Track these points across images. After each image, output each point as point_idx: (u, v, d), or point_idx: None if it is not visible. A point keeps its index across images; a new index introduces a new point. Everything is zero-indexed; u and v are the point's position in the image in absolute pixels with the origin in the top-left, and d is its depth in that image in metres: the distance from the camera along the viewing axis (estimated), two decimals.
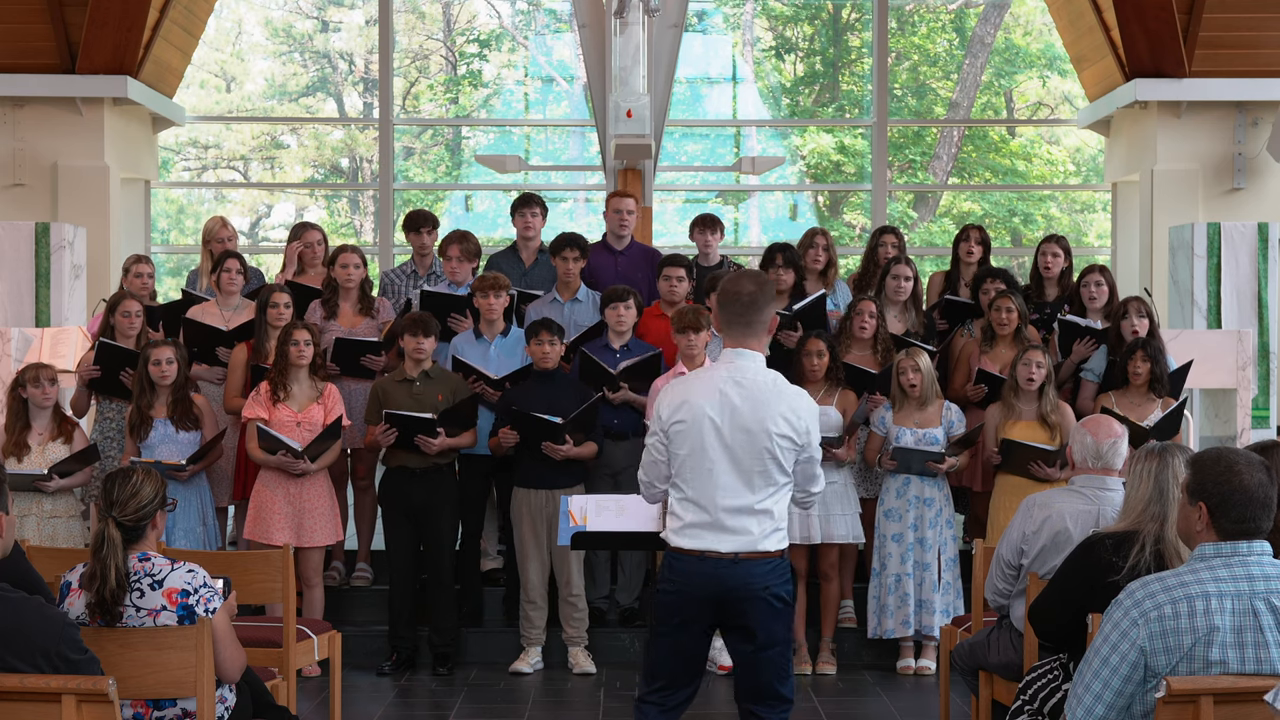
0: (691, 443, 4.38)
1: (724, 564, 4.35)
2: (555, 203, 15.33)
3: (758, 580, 4.36)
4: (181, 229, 15.87)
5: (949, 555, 7.36)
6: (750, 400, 4.37)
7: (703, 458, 4.37)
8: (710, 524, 4.36)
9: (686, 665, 4.50)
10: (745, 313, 4.43)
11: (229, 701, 4.39)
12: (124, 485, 4.21)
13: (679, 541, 4.40)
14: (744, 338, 4.45)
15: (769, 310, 4.48)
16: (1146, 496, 4.27)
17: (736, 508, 4.36)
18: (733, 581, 4.35)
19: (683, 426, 4.39)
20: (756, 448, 4.35)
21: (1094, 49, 12.49)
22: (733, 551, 4.35)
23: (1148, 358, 7.42)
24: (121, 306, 7.65)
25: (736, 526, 4.36)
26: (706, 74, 15.52)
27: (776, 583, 4.39)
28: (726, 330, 4.47)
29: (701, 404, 4.38)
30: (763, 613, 4.38)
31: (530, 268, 8.37)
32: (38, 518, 7.16)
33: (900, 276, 8.07)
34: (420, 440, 7.18)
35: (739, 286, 4.45)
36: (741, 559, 4.35)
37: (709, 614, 4.42)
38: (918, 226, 16.38)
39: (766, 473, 4.38)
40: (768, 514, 4.39)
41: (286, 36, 16.74)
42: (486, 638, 7.71)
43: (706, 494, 4.37)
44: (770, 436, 4.35)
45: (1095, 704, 3.43)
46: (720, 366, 4.46)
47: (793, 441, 4.40)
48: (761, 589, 4.36)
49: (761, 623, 4.39)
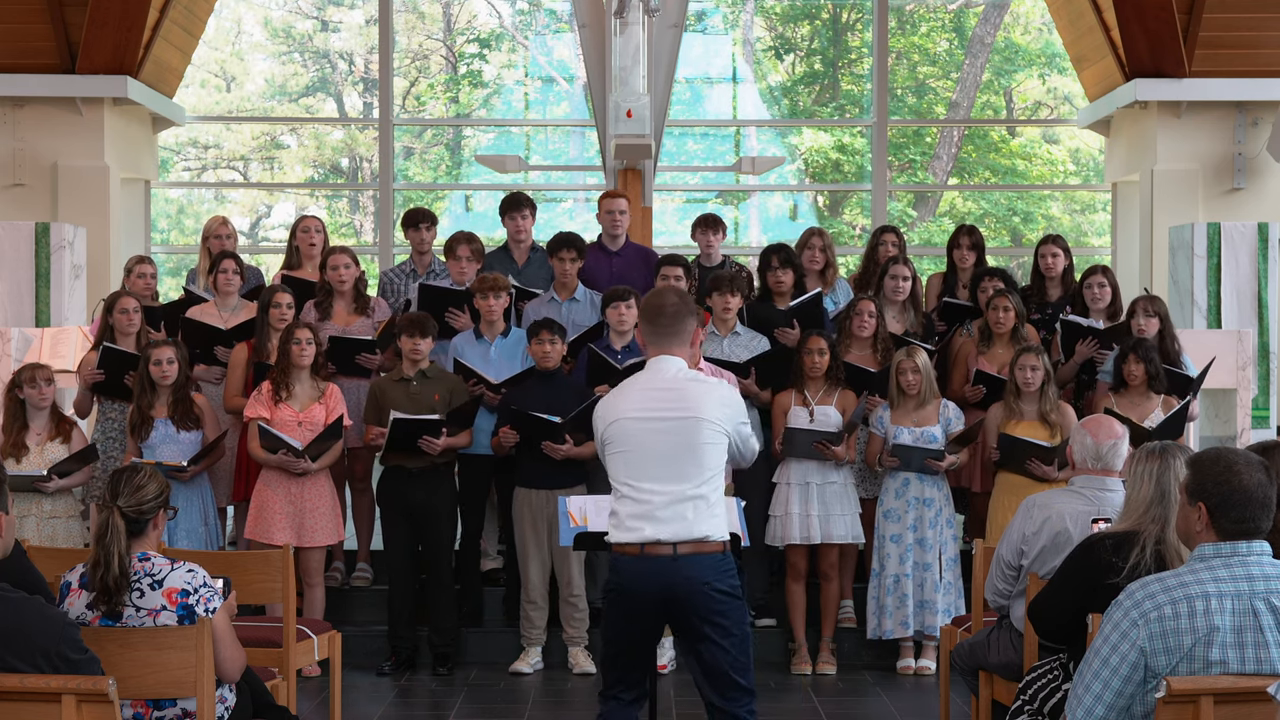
0: (624, 441, 4.50)
1: (664, 561, 4.41)
2: (555, 203, 15.35)
3: (698, 576, 4.41)
4: (181, 229, 15.88)
5: (949, 555, 7.37)
6: (672, 392, 4.52)
7: (634, 452, 4.48)
8: (646, 515, 4.43)
9: (636, 664, 4.59)
10: (670, 324, 4.60)
11: (229, 701, 4.40)
12: (130, 479, 4.24)
13: (618, 537, 4.48)
14: (668, 346, 4.61)
15: (690, 321, 4.65)
16: (1148, 498, 4.26)
17: (671, 497, 4.43)
18: (674, 579, 4.41)
19: (616, 428, 4.53)
20: (684, 437, 4.45)
21: (1094, 49, 12.48)
22: (671, 542, 4.40)
23: (1140, 359, 7.43)
24: (119, 305, 7.65)
25: (671, 515, 4.42)
26: (706, 74, 15.52)
27: (718, 577, 4.44)
28: (651, 341, 4.64)
29: (626, 404, 4.54)
30: (708, 608, 4.43)
31: (523, 267, 8.37)
32: (37, 518, 7.16)
33: (898, 276, 8.07)
34: (424, 442, 7.18)
35: (662, 300, 4.66)
36: (681, 556, 4.40)
37: (655, 611, 4.48)
38: (917, 226, 16.39)
39: (698, 460, 4.45)
40: (702, 499, 4.45)
41: (286, 36, 16.74)
42: (486, 638, 7.71)
43: (640, 485, 4.46)
44: (696, 423, 4.46)
45: (1095, 704, 3.43)
46: (643, 373, 4.65)
47: (719, 427, 4.49)
48: (703, 584, 4.41)
49: (708, 618, 4.44)
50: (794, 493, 7.40)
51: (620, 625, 4.54)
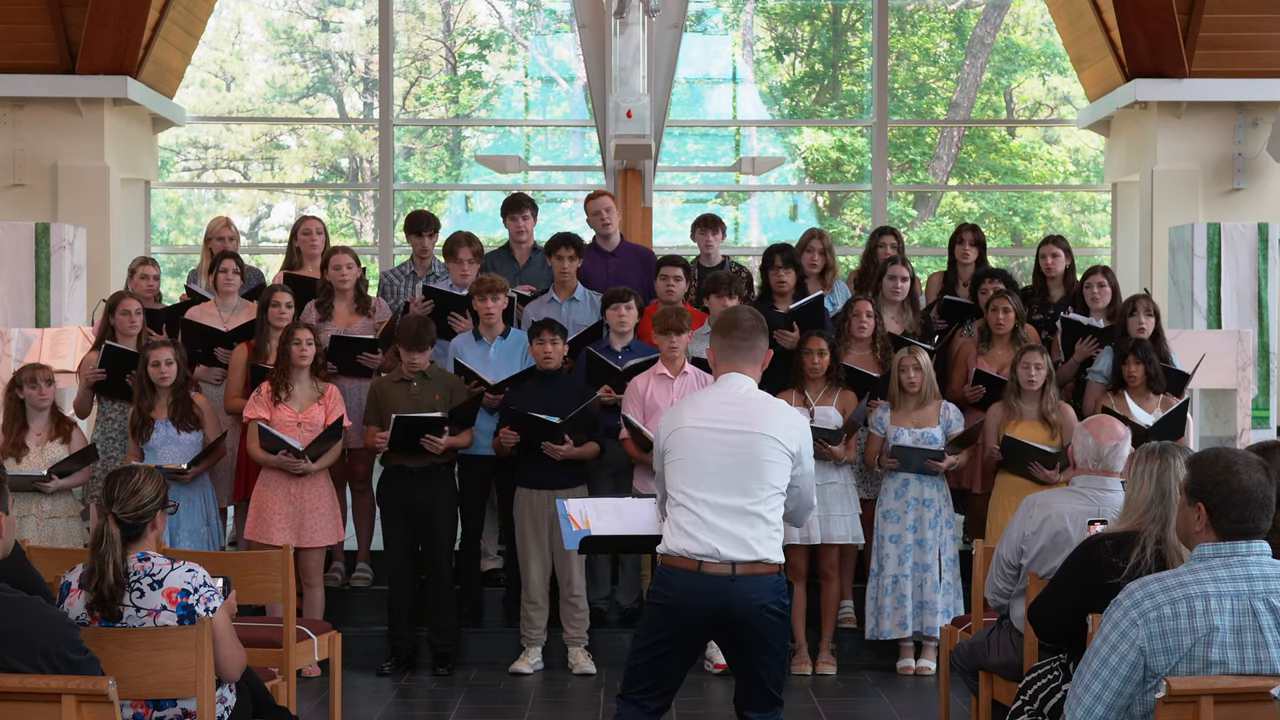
0: (684, 449, 4.45)
1: (722, 581, 4.35)
2: (555, 203, 15.35)
3: (755, 599, 4.37)
4: (181, 229, 15.88)
5: (948, 556, 7.36)
6: (741, 408, 4.48)
7: (694, 461, 4.43)
8: (702, 524, 4.37)
9: (671, 675, 4.52)
10: (745, 339, 4.58)
11: (229, 701, 4.39)
12: (125, 483, 4.22)
13: (674, 543, 4.41)
14: (739, 363, 4.59)
15: (763, 341, 4.63)
16: (1149, 498, 4.26)
17: (729, 508, 4.38)
18: (729, 599, 4.35)
19: (677, 436, 4.48)
20: (749, 452, 4.41)
21: (1094, 49, 12.49)
22: (729, 561, 4.34)
23: (1140, 360, 7.43)
24: (121, 306, 7.66)
25: (729, 528, 4.37)
26: (706, 74, 15.52)
27: (774, 599, 4.40)
28: (723, 355, 4.61)
29: (694, 413, 4.50)
30: (760, 629, 4.40)
31: (524, 267, 8.37)
32: (37, 518, 7.16)
33: (897, 277, 8.07)
34: (427, 441, 7.18)
35: (739, 316, 4.63)
36: (739, 575, 4.35)
37: (703, 629, 4.44)
38: (917, 225, 16.39)
39: (760, 476, 4.41)
40: (761, 518, 4.40)
41: (287, 37, 16.74)
42: (486, 638, 7.71)
43: (699, 496, 4.40)
44: (763, 440, 4.42)
45: (1095, 704, 3.43)
46: (713, 385, 4.62)
47: (784, 448, 4.45)
48: (760, 607, 4.37)
49: (759, 638, 4.42)
50: None
51: (663, 638, 4.46)
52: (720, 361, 4.62)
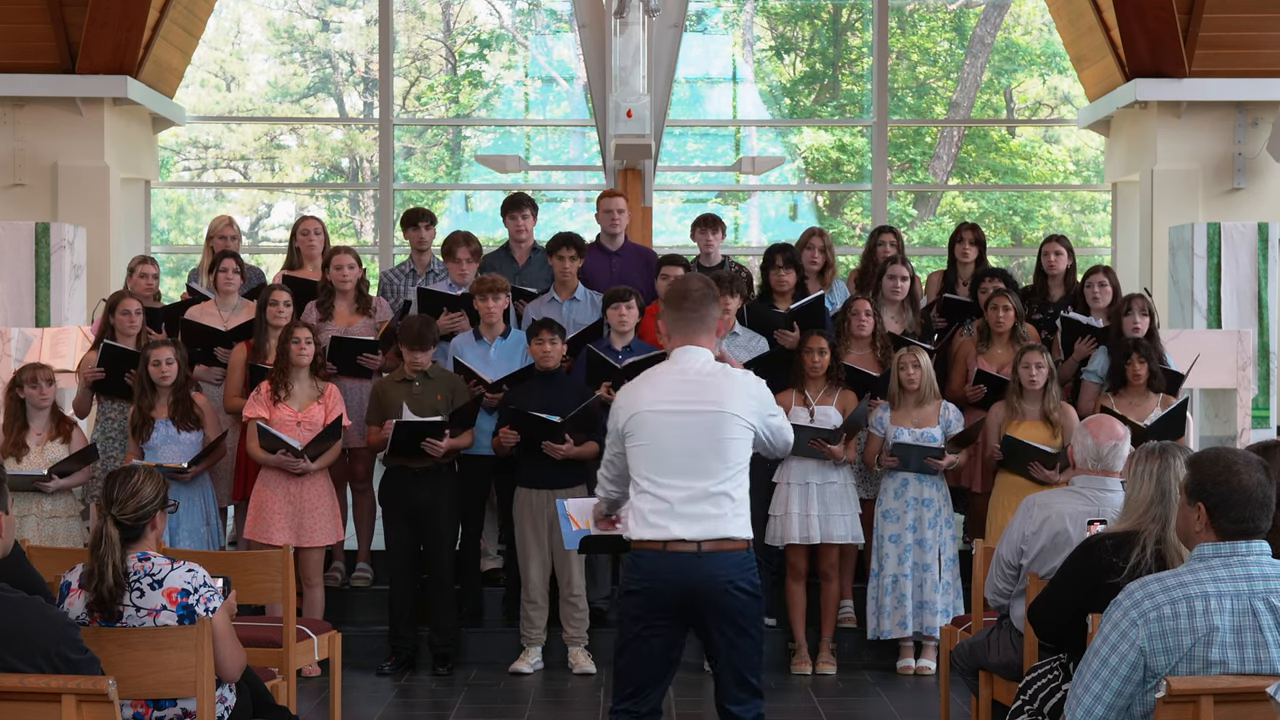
0: (645, 434, 4.40)
1: (688, 558, 4.32)
2: (555, 203, 15.34)
3: (722, 574, 4.33)
4: (182, 229, 15.88)
5: (948, 555, 7.37)
6: (700, 385, 4.41)
7: (655, 447, 4.38)
8: (669, 511, 4.34)
9: (656, 668, 4.46)
10: (696, 308, 4.49)
11: (229, 701, 4.39)
12: (124, 484, 4.21)
13: (640, 533, 4.38)
14: (693, 335, 4.50)
15: (715, 309, 4.55)
16: (1149, 497, 4.26)
17: (693, 493, 4.34)
18: (697, 576, 4.32)
19: (637, 420, 4.42)
20: (708, 431, 4.36)
21: (1094, 49, 12.49)
22: (695, 539, 4.32)
23: (1144, 359, 7.43)
24: (121, 306, 7.66)
25: (695, 512, 4.33)
26: (706, 74, 15.51)
27: (741, 575, 4.36)
28: (675, 328, 4.52)
29: (651, 395, 4.43)
30: (728, 605, 4.35)
31: (524, 266, 8.37)
32: (37, 518, 7.16)
33: (896, 276, 8.07)
34: (428, 444, 7.18)
35: (687, 285, 4.54)
36: (705, 551, 4.32)
37: (677, 610, 4.38)
38: (917, 224, 16.39)
39: (723, 455, 4.36)
40: (726, 496, 4.36)
41: (287, 37, 16.74)
42: (486, 638, 7.71)
43: (663, 481, 4.36)
44: (723, 418, 4.37)
45: (1095, 704, 3.43)
46: (669, 363, 4.53)
47: (745, 422, 4.40)
48: (727, 583, 4.33)
49: (730, 617, 4.37)
50: (794, 493, 7.40)
51: (640, 627, 4.41)
52: (674, 335, 4.53)
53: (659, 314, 4.59)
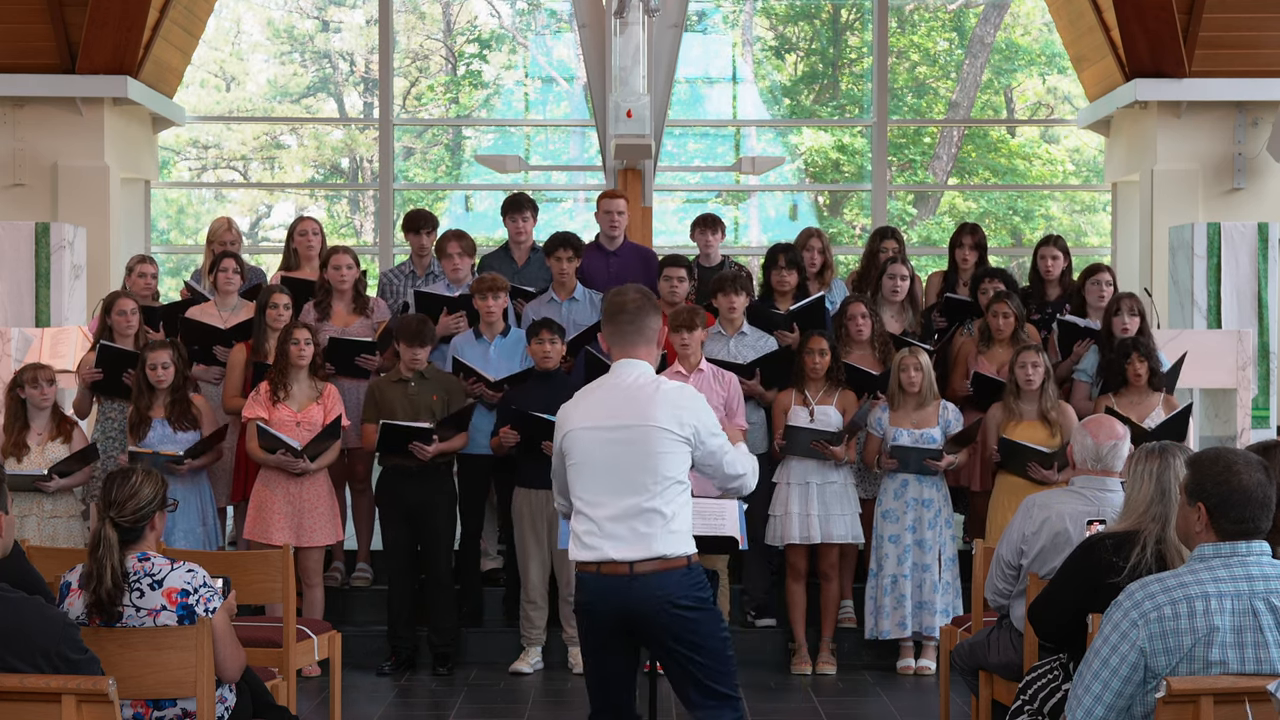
0: (578, 452, 4.31)
1: (621, 580, 4.20)
2: (555, 203, 15.34)
3: (659, 594, 4.20)
4: (181, 229, 15.88)
5: (948, 556, 7.37)
6: (629, 400, 4.30)
7: (586, 464, 4.29)
8: (599, 531, 4.23)
9: (615, 683, 4.39)
10: (632, 320, 4.39)
11: (229, 701, 4.39)
12: (123, 485, 4.21)
13: (576, 554, 4.29)
14: (631, 347, 4.40)
15: (654, 320, 4.44)
16: (1149, 497, 4.26)
17: (623, 511, 4.22)
18: (633, 599, 4.21)
19: (570, 438, 4.33)
20: (638, 446, 4.25)
21: (1094, 49, 12.48)
22: (627, 560, 4.20)
23: (1144, 357, 7.42)
24: (117, 306, 7.66)
25: (625, 531, 4.21)
26: (706, 74, 15.51)
27: (681, 593, 4.22)
28: (613, 341, 4.44)
29: (583, 412, 4.35)
30: (669, 624, 4.22)
31: (523, 267, 8.37)
32: (38, 518, 7.16)
33: (897, 276, 8.07)
34: (414, 447, 7.18)
35: (624, 298, 4.43)
36: (639, 573, 4.19)
37: (616, 630, 4.28)
38: (917, 223, 16.39)
39: (652, 470, 4.23)
40: (657, 513, 4.22)
41: (287, 37, 16.74)
42: (486, 638, 7.71)
43: (594, 499, 4.26)
44: (650, 432, 4.24)
45: (1095, 705, 3.43)
46: (604, 378, 4.45)
47: (675, 435, 4.26)
48: (664, 602, 4.20)
49: (677, 635, 4.24)
50: (794, 492, 7.40)
51: (591, 645, 4.37)
52: (613, 348, 4.44)
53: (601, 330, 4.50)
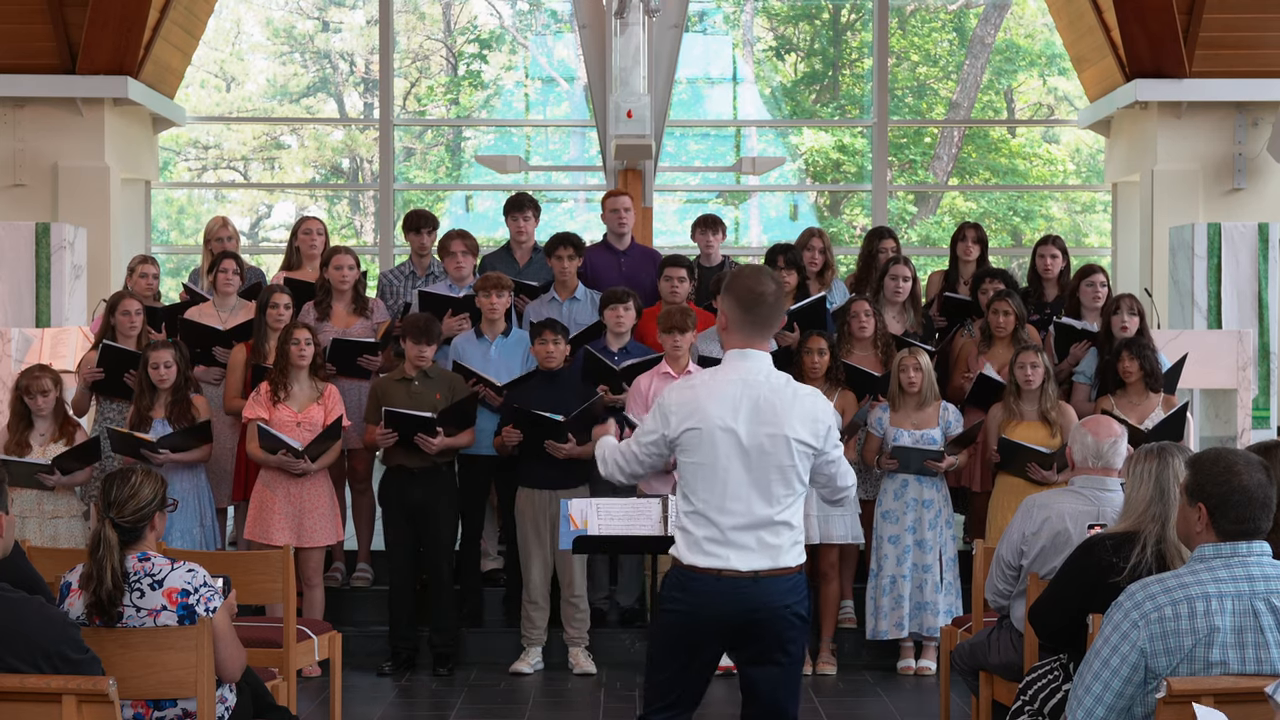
0: (704, 452, 4.10)
1: (744, 583, 4.06)
2: (555, 203, 15.34)
3: (779, 599, 4.09)
4: (182, 229, 15.88)
5: (949, 556, 7.37)
6: (767, 406, 4.10)
7: (716, 468, 4.09)
8: (724, 540, 4.07)
9: (693, 689, 4.25)
10: (773, 311, 4.17)
11: (229, 701, 4.39)
12: (122, 486, 4.21)
13: (693, 559, 4.10)
14: (755, 339, 4.17)
15: (783, 314, 4.30)
16: (1148, 497, 4.26)
17: (753, 521, 4.08)
18: (754, 602, 4.07)
19: (695, 435, 4.11)
20: (774, 457, 4.08)
21: (1094, 49, 12.49)
22: (753, 570, 4.07)
23: (1134, 356, 7.42)
24: (121, 306, 7.66)
25: (753, 542, 4.07)
26: (706, 74, 15.51)
27: (797, 600, 4.13)
28: (740, 330, 4.17)
29: (716, 411, 4.10)
30: (783, 632, 4.13)
31: (524, 267, 8.37)
32: (39, 518, 7.16)
33: (898, 276, 8.07)
34: (420, 439, 7.18)
35: (763, 287, 4.16)
36: (762, 577, 4.07)
37: (722, 636, 4.15)
38: (917, 223, 16.39)
39: (786, 481, 4.10)
40: (786, 525, 4.11)
41: (287, 37, 16.74)
42: (486, 638, 7.71)
43: (721, 507, 4.08)
44: (789, 443, 4.08)
45: (1095, 705, 3.43)
46: (731, 370, 4.18)
47: (811, 448, 4.13)
48: (783, 608, 4.10)
49: (781, 643, 4.14)
50: None
51: (681, 649, 4.16)
52: (735, 334, 4.18)
53: (722, 311, 4.23)
